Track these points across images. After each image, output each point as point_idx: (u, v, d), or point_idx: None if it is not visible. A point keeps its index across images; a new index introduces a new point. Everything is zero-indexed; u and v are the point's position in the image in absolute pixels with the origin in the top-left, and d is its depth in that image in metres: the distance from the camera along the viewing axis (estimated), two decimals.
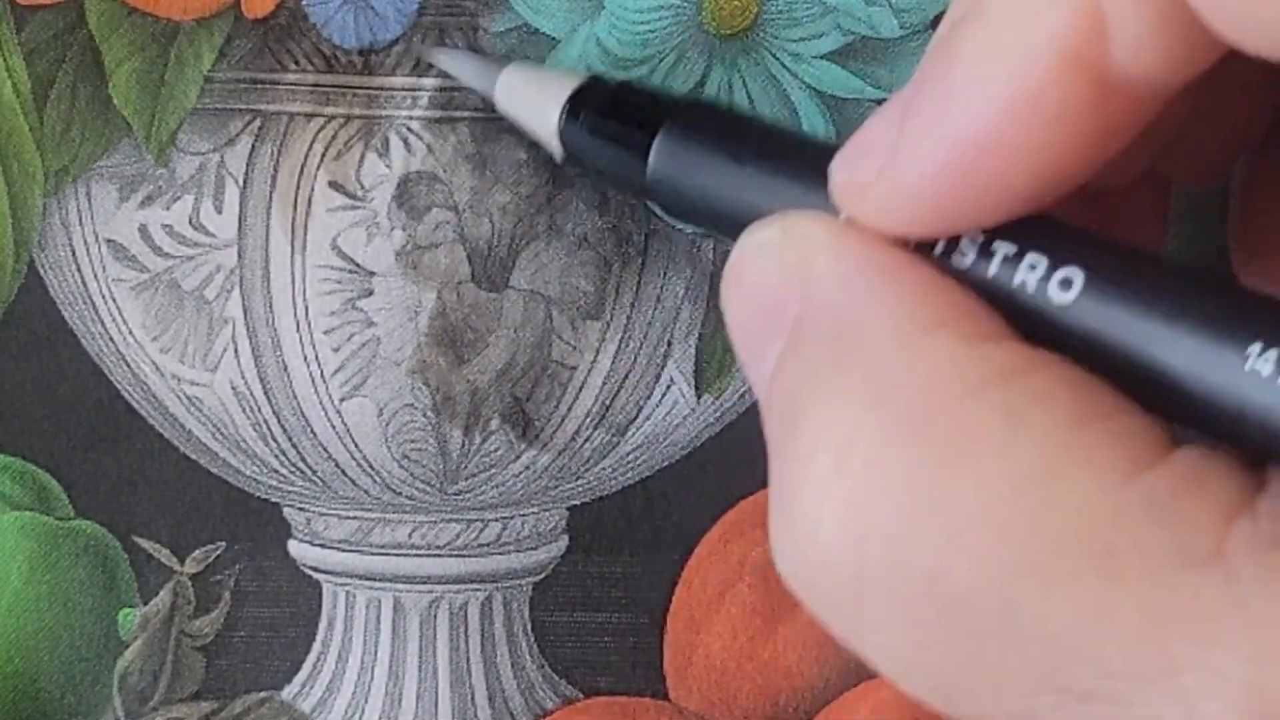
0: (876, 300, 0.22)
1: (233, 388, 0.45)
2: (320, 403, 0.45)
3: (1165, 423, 0.21)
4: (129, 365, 0.45)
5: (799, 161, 0.26)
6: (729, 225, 0.26)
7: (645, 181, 0.27)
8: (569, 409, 0.46)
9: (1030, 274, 0.22)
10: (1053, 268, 0.22)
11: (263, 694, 0.46)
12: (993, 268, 0.23)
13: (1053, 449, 0.20)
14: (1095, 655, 0.19)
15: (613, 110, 0.28)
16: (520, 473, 0.46)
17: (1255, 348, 0.20)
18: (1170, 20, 0.21)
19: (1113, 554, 0.19)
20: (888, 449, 0.21)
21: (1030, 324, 0.22)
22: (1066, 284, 0.22)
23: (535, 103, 0.30)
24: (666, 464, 0.46)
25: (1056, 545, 0.19)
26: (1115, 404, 0.20)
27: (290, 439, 0.46)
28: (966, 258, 0.23)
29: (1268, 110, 0.27)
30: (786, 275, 0.23)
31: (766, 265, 0.24)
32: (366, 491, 0.46)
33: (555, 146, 0.29)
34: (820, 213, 0.24)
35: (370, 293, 0.45)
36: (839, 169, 0.24)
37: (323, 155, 0.45)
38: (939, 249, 0.23)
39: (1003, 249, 0.23)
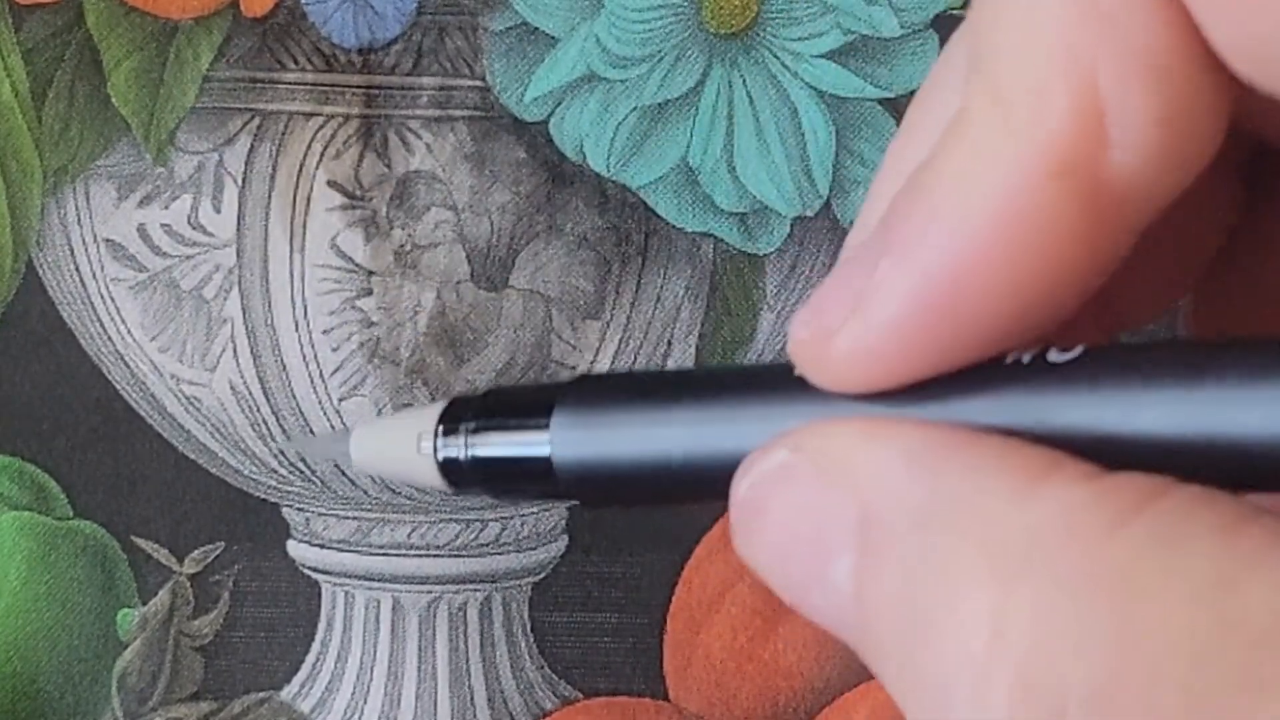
0: (962, 470, 0.20)
1: (231, 387, 0.45)
2: (319, 402, 0.45)
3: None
4: (128, 365, 0.45)
5: (732, 389, 0.22)
6: (670, 490, 0.23)
7: (554, 476, 0.24)
8: None
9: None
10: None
11: (262, 694, 0.46)
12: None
13: (1218, 561, 0.19)
14: None
15: (489, 421, 0.25)
16: None
17: None
18: (1178, 106, 0.20)
19: None
20: (1049, 609, 0.19)
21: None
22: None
23: (399, 447, 0.26)
24: None
25: (1255, 656, 0.18)
26: (1254, 510, 0.19)
27: (289, 439, 0.45)
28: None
29: (1216, 240, 0.25)
30: (822, 484, 0.21)
31: (791, 487, 0.21)
32: (365, 491, 0.46)
33: (436, 481, 0.25)
34: (824, 417, 0.21)
35: (369, 292, 0.45)
36: (798, 325, 0.22)
37: (321, 154, 0.45)
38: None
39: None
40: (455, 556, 0.46)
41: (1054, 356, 0.20)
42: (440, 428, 0.25)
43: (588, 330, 0.45)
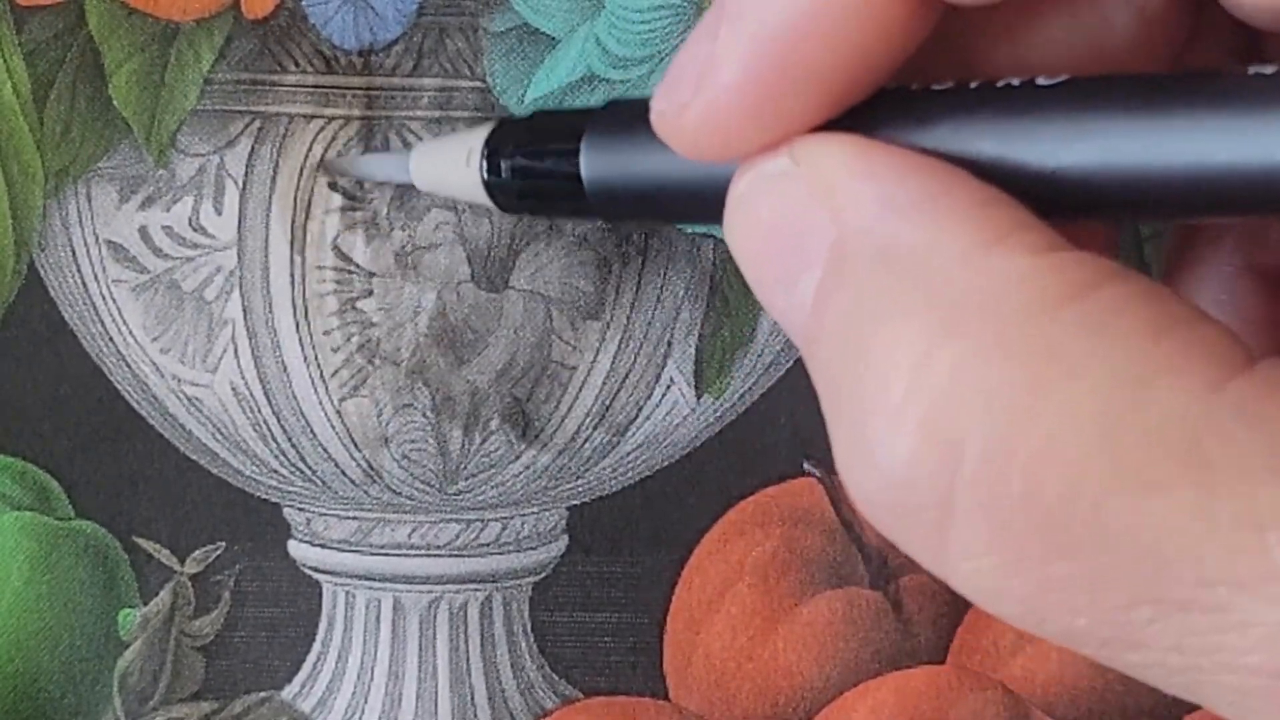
0: (927, 220, 0.21)
1: (233, 388, 0.45)
2: (320, 403, 0.45)
3: (1237, 336, 0.20)
4: (129, 366, 0.45)
5: None
6: (684, 210, 0.25)
7: (586, 196, 0.26)
8: (569, 409, 0.46)
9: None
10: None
11: (263, 694, 0.46)
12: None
13: (1138, 359, 0.20)
14: (1192, 563, 0.19)
15: (530, 141, 0.27)
16: (520, 473, 0.46)
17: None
18: None
19: (1206, 461, 0.19)
20: (967, 368, 0.20)
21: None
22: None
23: (452, 164, 0.28)
24: (666, 464, 0.46)
25: (1149, 454, 0.19)
26: (1192, 313, 0.20)
27: (290, 439, 0.46)
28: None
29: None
30: (810, 201, 0.22)
31: (783, 194, 0.23)
32: (366, 492, 0.46)
33: (484, 200, 0.28)
34: (830, 133, 0.22)
35: (370, 293, 0.45)
36: (657, 99, 0.23)
37: (322, 156, 0.45)
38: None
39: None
40: (455, 556, 0.47)
41: (1041, 81, 0.22)
42: (487, 147, 0.27)
43: (588, 330, 0.45)
